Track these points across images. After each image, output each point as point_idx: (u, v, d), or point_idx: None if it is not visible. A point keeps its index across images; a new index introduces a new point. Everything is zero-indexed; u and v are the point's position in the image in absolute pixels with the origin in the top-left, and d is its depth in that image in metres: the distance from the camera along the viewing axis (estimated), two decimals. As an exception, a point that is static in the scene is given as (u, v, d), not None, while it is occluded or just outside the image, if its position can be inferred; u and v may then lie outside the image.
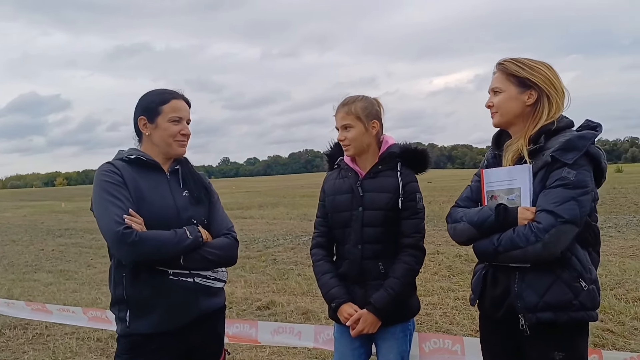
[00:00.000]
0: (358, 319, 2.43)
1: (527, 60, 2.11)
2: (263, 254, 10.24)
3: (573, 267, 1.94)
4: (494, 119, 2.18)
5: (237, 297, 6.75)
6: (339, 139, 2.52)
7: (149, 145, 2.28)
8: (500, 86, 2.13)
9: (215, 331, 2.35)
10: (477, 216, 2.06)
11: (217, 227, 2.31)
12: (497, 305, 2.08)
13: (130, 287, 2.12)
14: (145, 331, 2.12)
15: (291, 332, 3.40)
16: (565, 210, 1.87)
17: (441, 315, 5.64)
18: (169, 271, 2.14)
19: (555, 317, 1.93)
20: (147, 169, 2.23)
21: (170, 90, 2.32)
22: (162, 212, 2.16)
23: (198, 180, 2.36)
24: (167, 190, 2.24)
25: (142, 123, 2.26)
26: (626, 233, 10.61)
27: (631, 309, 5.36)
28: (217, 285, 2.29)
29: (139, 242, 2.01)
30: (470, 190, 2.25)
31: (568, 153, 1.93)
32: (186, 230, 2.14)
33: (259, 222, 17.17)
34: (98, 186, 2.12)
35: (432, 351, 2.97)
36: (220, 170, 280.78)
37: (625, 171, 49.70)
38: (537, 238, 1.88)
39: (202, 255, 2.17)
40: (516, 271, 2.01)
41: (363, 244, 2.46)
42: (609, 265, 7.42)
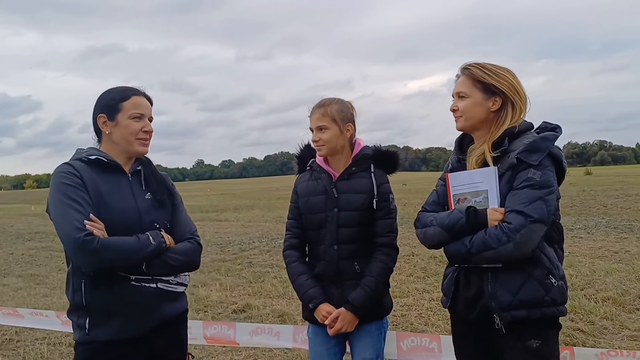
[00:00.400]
0: (336, 317, 2.45)
1: (492, 67, 2.14)
2: (238, 256, 10.19)
3: (543, 265, 2.00)
4: (458, 122, 2.20)
5: (212, 301, 6.69)
6: (314, 140, 2.54)
7: (109, 145, 2.18)
8: (465, 91, 2.15)
9: (178, 336, 2.30)
10: (447, 219, 2.08)
11: (181, 231, 2.24)
12: (471, 306, 2.11)
13: (89, 293, 2.04)
14: (106, 338, 2.05)
15: (270, 332, 3.39)
16: (534, 210, 1.93)
17: (416, 316, 5.69)
18: (131, 277, 2.06)
19: (529, 314, 1.98)
20: (108, 170, 2.13)
21: (131, 87, 2.24)
22: (124, 216, 2.08)
23: (161, 182, 2.29)
24: (128, 192, 2.15)
25: (102, 121, 2.16)
26: (595, 234, 10.85)
27: (600, 309, 5.48)
28: (179, 290, 2.23)
29: (100, 250, 1.92)
30: (437, 194, 2.27)
31: (533, 154, 1.99)
32: (149, 236, 2.07)
33: (235, 224, 17.07)
34: (56, 188, 2.01)
35: (410, 349, 3.01)
36: (195, 172, 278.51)
37: (594, 174, 50.85)
38: (508, 238, 1.92)
39: (165, 261, 2.10)
40: (488, 272, 2.04)
41: (339, 245, 2.48)
42: (579, 266, 7.58)
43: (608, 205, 16.86)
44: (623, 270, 7.17)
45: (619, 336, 4.76)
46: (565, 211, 15.63)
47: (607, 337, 4.76)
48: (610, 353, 2.62)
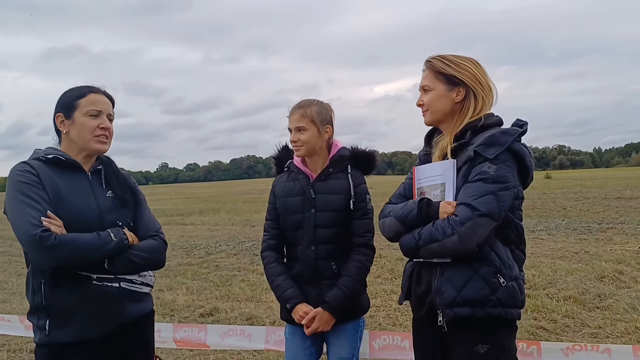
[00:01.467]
0: (313, 317, 2.46)
1: (453, 57, 2.10)
2: (205, 260, 10.07)
3: (491, 263, 1.94)
4: (425, 117, 2.18)
5: (179, 305, 6.60)
6: (292, 140, 2.55)
7: (67, 144, 2.14)
8: (429, 84, 2.12)
9: (143, 337, 2.26)
10: (401, 210, 2.07)
11: (144, 228, 2.21)
12: (421, 302, 2.10)
13: (49, 294, 1.99)
14: (67, 340, 2.00)
15: (242, 334, 3.37)
16: (482, 204, 1.88)
17: (384, 317, 5.73)
18: (93, 276, 2.02)
19: (472, 312, 1.93)
20: (66, 169, 2.08)
21: (90, 85, 2.20)
22: (83, 215, 2.03)
23: (123, 181, 2.25)
24: (88, 191, 2.11)
25: (60, 120, 2.12)
26: (556, 235, 11.14)
27: (562, 307, 5.64)
28: (143, 290, 2.20)
29: (57, 246, 1.87)
30: (403, 187, 2.26)
31: (490, 148, 1.94)
32: (110, 233, 2.02)
33: (200, 228, 16.87)
34: (12, 187, 1.96)
35: (382, 348, 3.04)
36: (159, 176, 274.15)
37: (553, 177, 52.32)
38: (453, 230, 1.88)
39: (127, 258, 2.06)
40: (437, 267, 2.01)
41: (316, 245, 2.50)
42: (541, 266, 7.78)
43: (567, 208, 17.36)
44: (583, 270, 7.39)
45: (580, 334, 4.90)
46: (527, 213, 16.02)
47: (569, 334, 4.90)
48: (575, 347, 2.69)
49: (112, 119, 2.20)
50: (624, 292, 6.18)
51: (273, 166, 2.74)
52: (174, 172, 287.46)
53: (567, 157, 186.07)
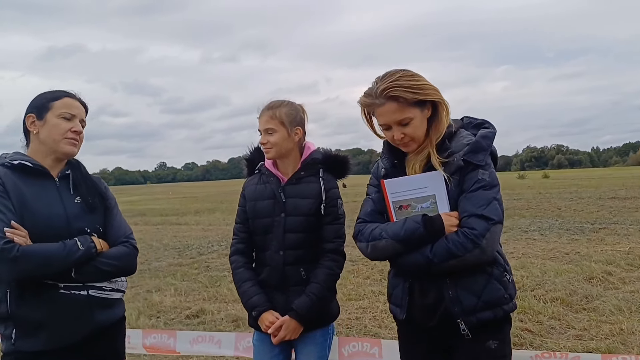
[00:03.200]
0: (280, 326, 2.41)
1: (411, 83, 1.96)
2: (196, 261, 10.04)
3: (499, 263, 2.02)
4: (408, 147, 2.06)
5: (165, 306, 6.57)
6: (261, 142, 2.50)
7: (36, 146, 2.10)
8: (409, 116, 1.98)
9: (113, 345, 2.23)
10: (402, 230, 1.96)
11: (114, 234, 2.17)
12: (430, 313, 2.03)
13: (15, 303, 1.95)
14: (34, 349, 1.96)
15: (211, 340, 3.33)
16: (492, 212, 1.90)
17: (370, 319, 5.70)
18: (60, 285, 1.98)
19: (494, 314, 1.97)
20: (32, 175, 2.05)
21: (66, 90, 2.18)
22: (50, 222, 2.00)
23: (92, 186, 2.20)
24: (55, 197, 2.06)
25: (30, 120, 2.09)
26: (548, 236, 11.13)
27: (549, 309, 5.62)
28: (114, 297, 2.16)
29: (20, 258, 1.84)
30: (373, 202, 2.16)
31: (478, 154, 1.96)
32: (77, 242, 1.99)
33: (194, 228, 16.83)
34: None
35: (351, 354, 3.00)
36: (157, 175, 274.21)
37: (551, 177, 52.37)
38: (474, 245, 1.86)
39: (95, 267, 2.03)
40: (446, 277, 1.97)
41: (285, 250, 2.45)
42: (530, 267, 7.76)
43: (562, 208, 17.36)
44: (572, 271, 7.38)
45: (565, 335, 4.88)
46: (520, 213, 16.04)
47: (554, 336, 4.88)
48: (544, 355, 2.66)
49: (84, 126, 2.17)
50: (612, 293, 6.17)
51: (244, 168, 2.68)
52: (172, 171, 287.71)
53: (566, 156, 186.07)
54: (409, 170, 2.08)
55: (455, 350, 2.05)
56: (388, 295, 2.25)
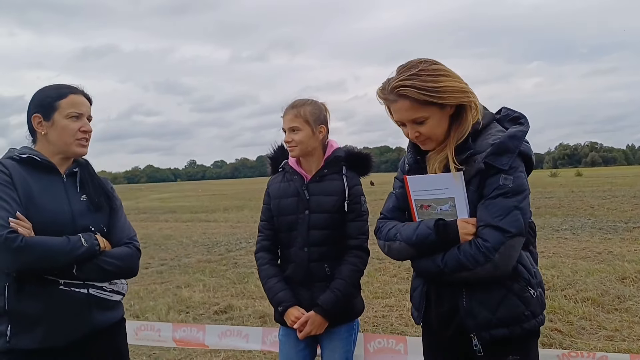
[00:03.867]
0: (305, 321, 2.45)
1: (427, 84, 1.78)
2: (224, 257, 10.17)
3: (521, 276, 1.84)
4: (426, 145, 1.93)
5: (194, 302, 6.68)
6: (286, 141, 2.53)
7: (44, 145, 2.08)
8: (424, 115, 1.83)
9: (114, 345, 2.19)
10: (414, 235, 1.86)
11: (118, 235, 2.14)
12: (445, 323, 1.94)
13: (13, 298, 1.91)
14: (29, 347, 1.92)
15: (239, 334, 3.38)
16: (510, 224, 1.73)
17: (397, 317, 5.69)
18: (60, 281, 1.95)
19: (510, 332, 1.82)
20: (40, 170, 2.03)
21: (68, 84, 2.14)
22: (55, 218, 1.98)
23: (98, 185, 2.18)
24: (62, 193, 2.05)
25: (37, 121, 2.05)
26: (580, 235, 10.91)
27: (579, 309, 5.52)
28: (114, 299, 2.13)
29: (24, 248, 1.82)
30: (396, 198, 2.06)
31: (501, 157, 1.77)
32: (81, 238, 1.96)
33: (223, 225, 17.03)
34: None
35: (377, 351, 3.02)
36: (187, 173, 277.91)
37: (584, 175, 51.27)
38: (486, 258, 1.73)
39: (97, 265, 2.00)
40: (462, 286, 1.85)
41: (309, 247, 2.48)
42: (561, 267, 7.62)
43: (595, 206, 16.96)
44: (604, 271, 7.22)
45: (596, 336, 4.78)
46: (552, 212, 15.75)
47: (585, 337, 4.79)
48: (571, 354, 2.63)
49: (90, 120, 2.15)
50: (645, 294, 6.02)
51: (268, 166, 2.72)
52: (201, 169, 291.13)
53: (599, 154, 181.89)
54: (429, 169, 1.93)
55: None
56: (410, 295, 2.16)
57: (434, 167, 1.90)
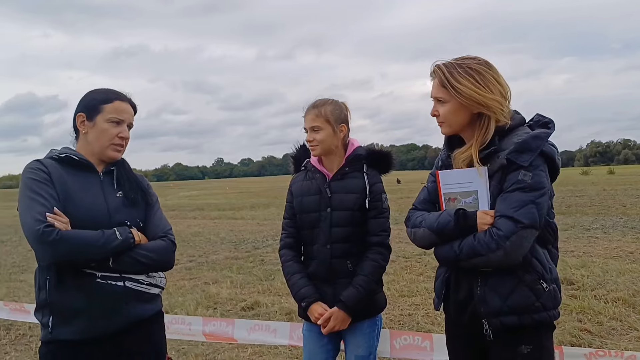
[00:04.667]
0: (329, 317, 2.48)
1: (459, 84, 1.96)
2: (251, 254, 10.28)
3: (534, 269, 1.93)
4: (442, 128, 2.09)
5: (222, 298, 6.77)
6: (308, 140, 2.58)
7: (84, 144, 2.16)
8: (443, 96, 2.01)
9: (151, 338, 2.23)
10: (436, 222, 2.01)
11: (154, 229, 2.19)
12: (462, 309, 2.06)
13: (54, 291, 1.99)
14: (70, 338, 1.99)
15: (267, 329, 3.43)
16: (525, 215, 1.84)
17: (423, 315, 5.68)
18: (97, 274, 2.01)
19: (519, 321, 1.92)
20: (78, 169, 2.10)
21: (117, 91, 2.22)
22: (92, 213, 2.04)
23: (134, 182, 2.25)
24: (98, 190, 2.12)
25: (80, 120, 2.13)
26: (612, 234, 10.71)
27: (610, 309, 5.43)
28: (152, 291, 2.18)
29: (59, 241, 1.87)
30: (428, 192, 2.20)
31: (523, 155, 1.88)
32: (116, 231, 2.02)
33: (250, 223, 17.20)
34: (23, 184, 1.99)
35: (403, 347, 3.03)
36: (215, 170, 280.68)
37: (617, 173, 50.14)
38: (498, 245, 1.84)
39: (133, 257, 2.04)
40: (478, 275, 1.97)
41: (332, 244, 2.51)
42: (592, 266, 7.50)
43: (627, 205, 16.63)
44: (636, 271, 7.09)
45: (627, 337, 4.71)
46: (583, 211, 15.46)
47: (615, 338, 4.71)
48: (599, 353, 2.60)
49: (131, 128, 2.23)
50: (679, 294, 5.89)
51: (291, 165, 2.78)
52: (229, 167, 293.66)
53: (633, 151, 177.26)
54: (455, 165, 2.08)
55: (488, 352, 2.03)
56: (434, 285, 2.27)
57: (459, 161, 2.05)
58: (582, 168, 78.56)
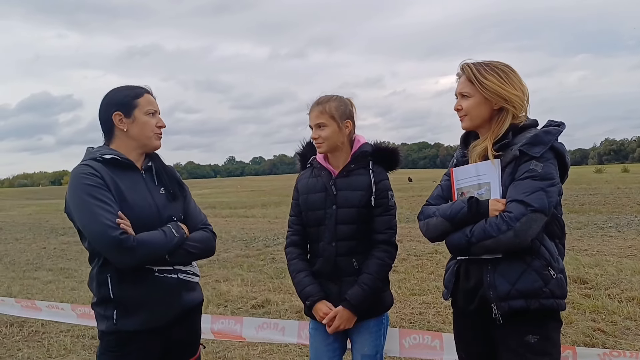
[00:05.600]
0: (334, 316, 2.47)
1: (487, 80, 2.12)
2: (262, 252, 10.29)
3: (542, 256, 2.01)
4: (463, 122, 2.21)
5: (233, 296, 6.78)
6: (313, 137, 2.55)
7: (122, 142, 2.22)
8: (468, 91, 2.16)
9: (194, 326, 2.38)
10: (450, 209, 2.10)
11: (193, 221, 2.32)
12: (470, 297, 2.13)
13: (116, 287, 2.11)
14: (133, 328, 2.12)
15: (275, 327, 3.42)
16: (535, 200, 1.94)
17: (434, 314, 5.64)
18: (155, 268, 2.15)
19: (527, 305, 1.99)
20: (123, 169, 2.18)
21: (139, 85, 2.30)
22: (144, 213, 2.14)
23: (171, 175, 2.34)
24: (144, 189, 2.21)
25: (118, 119, 2.19)
26: (626, 233, 10.57)
27: (624, 309, 5.35)
28: (194, 280, 2.31)
29: (137, 247, 2.00)
30: (441, 188, 2.29)
31: (535, 147, 2.00)
32: (172, 229, 2.15)
33: (261, 221, 17.22)
34: (79, 189, 2.04)
35: (412, 347, 3.00)
36: (226, 169, 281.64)
37: (631, 171, 49.57)
38: (508, 226, 1.93)
39: (185, 249, 2.19)
40: (488, 263, 2.06)
41: (337, 242, 2.49)
42: (605, 265, 7.41)
43: (642, 203, 16.40)
44: (651, 270, 6.97)
45: (641, 337, 4.63)
46: (597, 209, 15.30)
47: (629, 337, 4.64)
48: (613, 353, 2.56)
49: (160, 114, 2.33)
50: (695, 294, 5.79)
51: (298, 162, 2.76)
52: (240, 165, 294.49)
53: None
54: (471, 159, 2.18)
55: (496, 341, 2.10)
56: (443, 278, 2.35)
57: (474, 158, 2.16)
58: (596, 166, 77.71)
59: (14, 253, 11.99)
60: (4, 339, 5.23)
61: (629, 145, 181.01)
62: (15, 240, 14.70)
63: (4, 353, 4.84)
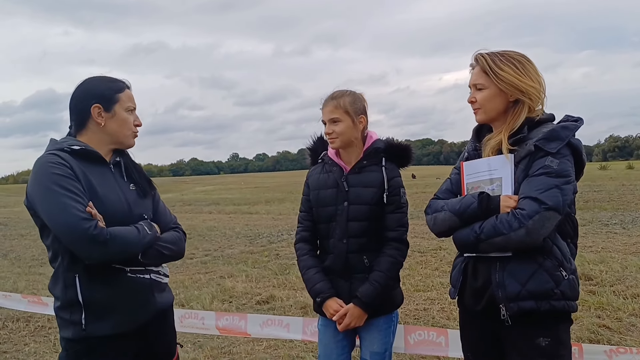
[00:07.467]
0: (345, 313, 2.46)
1: (502, 71, 2.05)
2: (266, 249, 10.31)
3: (554, 256, 1.94)
4: (477, 115, 2.13)
5: (237, 292, 6.79)
6: (327, 132, 2.53)
7: (95, 136, 2.09)
8: (483, 82, 2.07)
9: (169, 326, 2.30)
10: (459, 204, 2.03)
11: (164, 221, 2.23)
12: (478, 296, 2.06)
13: (85, 288, 1.96)
14: (103, 333, 1.98)
15: (280, 324, 3.42)
16: (549, 197, 1.86)
17: (439, 310, 5.64)
18: (126, 268, 2.02)
19: (537, 306, 1.92)
20: (91, 162, 2.04)
21: (118, 78, 2.19)
22: (115, 208, 2.02)
23: (141, 172, 2.24)
24: (114, 184, 2.09)
25: (97, 111, 2.05)
26: (631, 230, 10.53)
27: (629, 305, 5.35)
28: (164, 281, 2.22)
29: (110, 241, 1.87)
30: (450, 182, 2.23)
31: (551, 142, 1.93)
32: (144, 227, 2.05)
33: (265, 217, 17.24)
34: (47, 179, 1.88)
35: (417, 343, 2.99)
36: (230, 166, 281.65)
37: (636, 168, 49.33)
38: (520, 224, 1.86)
39: (158, 250, 2.09)
40: (497, 261, 1.99)
41: (348, 238, 2.47)
42: (610, 262, 7.39)
43: (647, 200, 16.34)
44: (656, 267, 6.95)
45: (647, 334, 4.62)
46: (601, 206, 15.24)
47: (635, 334, 4.64)
48: (619, 350, 2.55)
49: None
50: (700, 291, 5.77)
51: (308, 157, 2.73)
52: (244, 162, 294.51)
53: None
54: (484, 153, 2.10)
55: (504, 342, 2.03)
56: (450, 276, 2.28)
57: (487, 151, 2.08)
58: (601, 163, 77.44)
59: (20, 249, 12.02)
60: (10, 334, 5.26)
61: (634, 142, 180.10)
62: (20, 236, 14.76)
63: (11, 348, 4.87)
